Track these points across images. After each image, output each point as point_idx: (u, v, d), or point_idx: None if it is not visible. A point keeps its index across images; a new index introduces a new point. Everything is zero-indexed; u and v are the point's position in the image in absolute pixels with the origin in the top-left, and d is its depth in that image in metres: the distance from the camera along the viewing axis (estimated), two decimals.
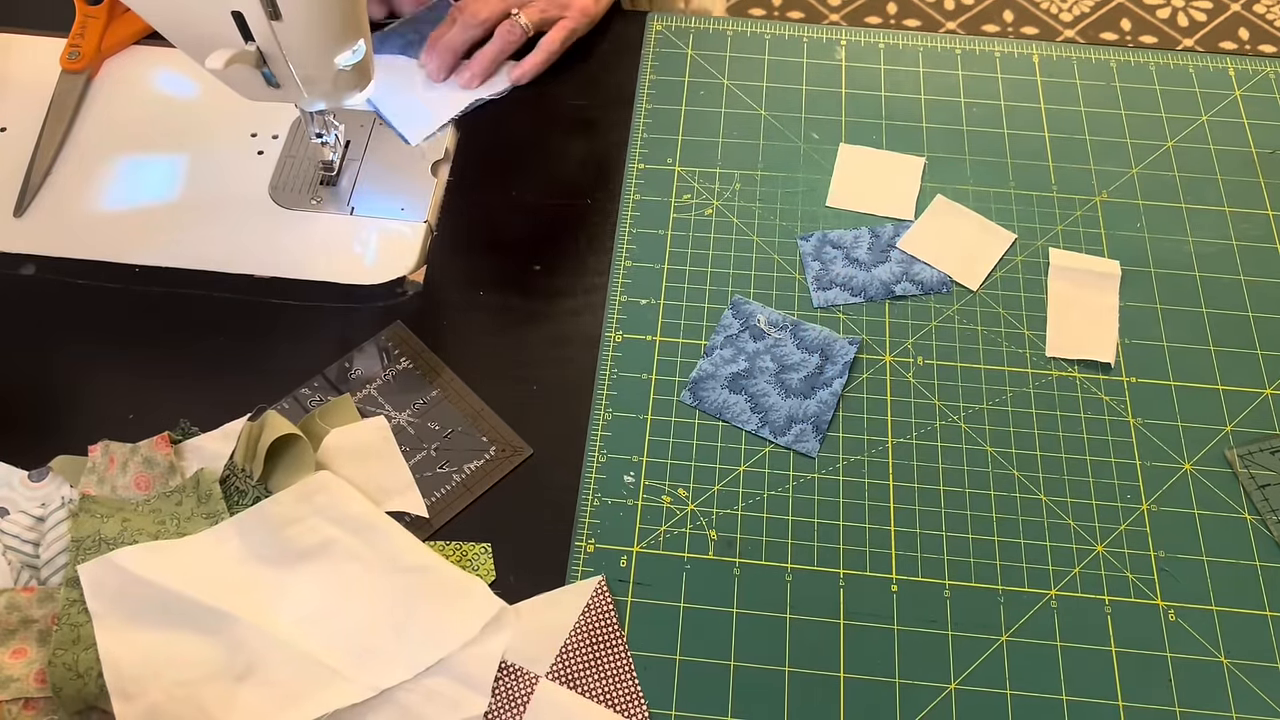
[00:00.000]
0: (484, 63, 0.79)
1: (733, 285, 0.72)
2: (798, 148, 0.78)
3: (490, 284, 0.72)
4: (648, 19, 0.85)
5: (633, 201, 0.76)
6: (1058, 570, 0.62)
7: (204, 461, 0.63)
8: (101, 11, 0.81)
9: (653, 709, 0.57)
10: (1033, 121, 0.80)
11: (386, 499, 0.63)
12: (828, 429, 0.66)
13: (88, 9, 0.81)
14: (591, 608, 0.60)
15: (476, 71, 0.79)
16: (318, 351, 0.69)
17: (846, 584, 0.61)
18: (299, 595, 0.59)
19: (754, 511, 0.63)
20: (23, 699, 0.55)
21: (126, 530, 0.59)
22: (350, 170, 0.77)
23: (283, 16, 0.59)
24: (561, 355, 0.69)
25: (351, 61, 0.63)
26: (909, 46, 0.84)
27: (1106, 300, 0.71)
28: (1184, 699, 0.58)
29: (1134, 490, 0.64)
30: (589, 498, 0.64)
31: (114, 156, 0.77)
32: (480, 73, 0.79)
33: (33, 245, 0.73)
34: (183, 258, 0.72)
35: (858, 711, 0.57)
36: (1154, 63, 0.83)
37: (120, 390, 0.67)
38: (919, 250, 0.73)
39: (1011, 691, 0.58)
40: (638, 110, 0.80)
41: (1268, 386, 0.68)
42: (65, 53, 0.79)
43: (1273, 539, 0.63)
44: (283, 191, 0.76)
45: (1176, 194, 0.76)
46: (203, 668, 0.56)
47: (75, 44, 0.79)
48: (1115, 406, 0.67)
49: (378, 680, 0.57)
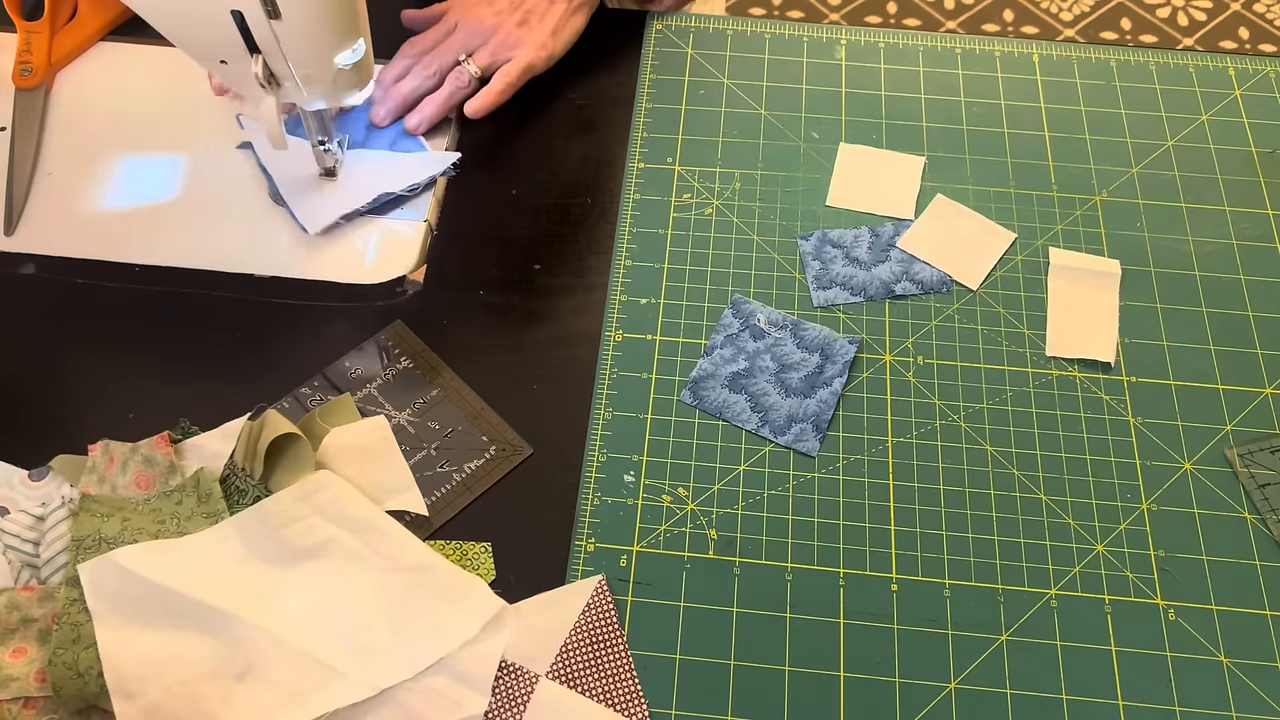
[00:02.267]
0: (431, 108, 0.77)
1: (733, 284, 0.72)
2: (798, 147, 0.78)
3: (490, 283, 0.72)
4: (648, 19, 0.85)
5: (633, 201, 0.76)
6: (1058, 570, 0.62)
7: (204, 461, 0.63)
8: (43, 25, 0.80)
9: (653, 708, 0.57)
10: (1033, 121, 0.80)
11: (386, 498, 0.63)
12: (828, 428, 0.66)
13: (28, 25, 0.80)
14: (592, 607, 0.60)
15: (427, 116, 0.76)
16: (318, 351, 0.69)
17: (846, 583, 0.61)
18: (299, 594, 0.59)
19: (754, 511, 0.63)
20: (23, 698, 0.55)
21: (127, 529, 0.59)
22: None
23: (282, 16, 0.59)
24: (562, 355, 0.69)
25: (351, 61, 0.63)
26: (909, 46, 0.84)
27: (1107, 300, 0.71)
28: (1184, 698, 0.58)
29: (1134, 490, 0.64)
30: (589, 497, 0.64)
31: (112, 156, 0.77)
32: (430, 117, 0.76)
33: (32, 245, 0.73)
34: (183, 257, 0.72)
35: (858, 711, 0.57)
36: (1154, 62, 0.83)
37: (120, 390, 0.67)
38: (919, 249, 0.73)
39: (1011, 691, 0.58)
40: (638, 110, 0.80)
41: (1268, 386, 0.68)
42: (16, 70, 0.79)
43: (1273, 538, 0.63)
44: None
45: (1176, 193, 0.76)
46: (203, 667, 0.56)
47: (24, 61, 0.79)
48: (1115, 406, 0.67)
49: (377, 679, 0.57)
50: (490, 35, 0.78)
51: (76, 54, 0.82)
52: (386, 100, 0.77)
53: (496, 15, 0.78)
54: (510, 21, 0.78)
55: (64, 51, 0.81)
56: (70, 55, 0.81)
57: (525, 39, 0.78)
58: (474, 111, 0.76)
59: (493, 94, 0.76)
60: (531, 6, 0.78)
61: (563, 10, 0.79)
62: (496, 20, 0.78)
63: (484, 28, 0.78)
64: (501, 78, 0.77)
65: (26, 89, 0.79)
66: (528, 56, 0.77)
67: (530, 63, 0.77)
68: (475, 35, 0.78)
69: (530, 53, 0.77)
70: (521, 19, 0.78)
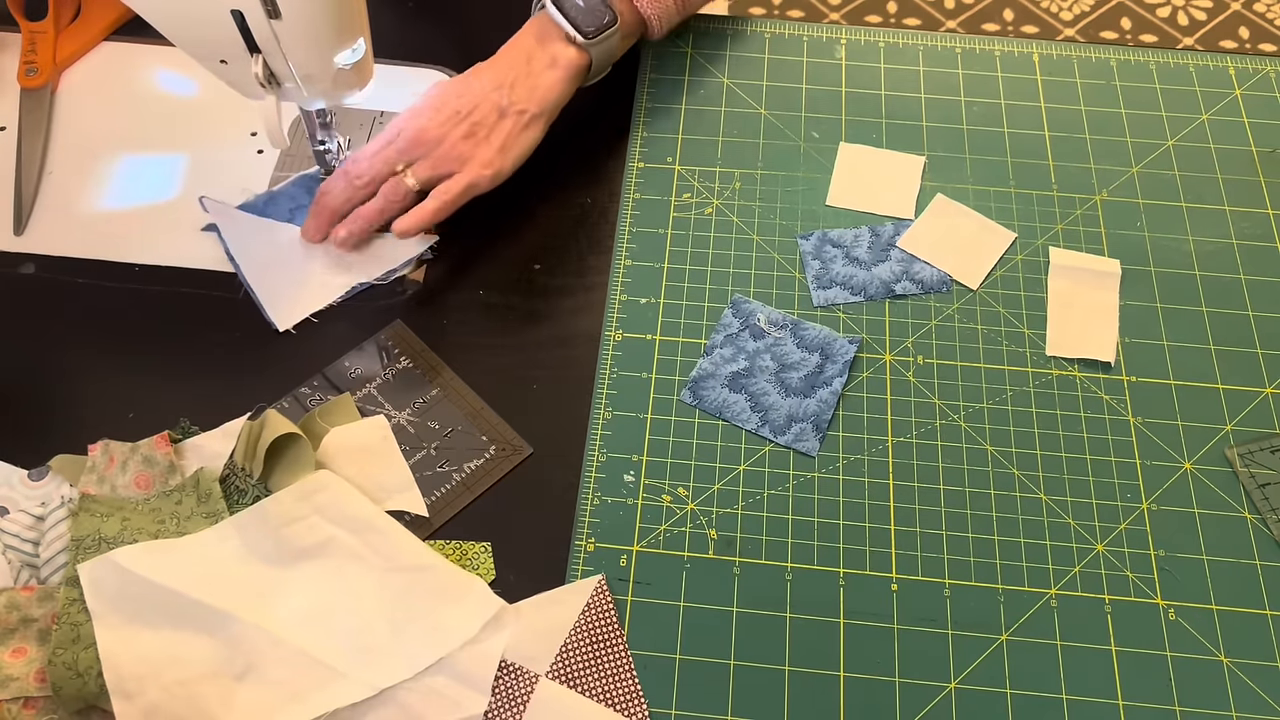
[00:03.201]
0: (360, 222, 0.70)
1: (733, 284, 0.72)
2: (798, 146, 0.78)
3: (490, 283, 0.72)
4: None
5: (633, 200, 0.76)
6: (1058, 569, 0.62)
7: (204, 460, 0.63)
8: (47, 25, 0.81)
9: (653, 708, 0.57)
10: (1033, 120, 0.80)
11: (386, 498, 0.63)
12: (828, 428, 0.66)
13: (32, 25, 0.81)
14: (591, 607, 0.60)
15: (353, 230, 0.70)
16: (317, 351, 0.69)
17: (846, 583, 0.61)
18: (299, 594, 0.59)
19: (754, 510, 0.63)
20: (22, 698, 0.55)
21: (126, 529, 0.59)
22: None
23: (282, 15, 0.59)
24: (561, 354, 0.69)
25: (351, 60, 0.63)
26: (909, 45, 0.84)
27: (1107, 299, 0.71)
28: (1184, 698, 0.58)
29: (1134, 489, 0.64)
30: (589, 497, 0.64)
31: (112, 156, 0.77)
32: (357, 232, 0.70)
33: (32, 245, 0.73)
34: (182, 257, 0.72)
35: (858, 710, 0.57)
36: (1154, 61, 0.83)
37: (120, 389, 0.67)
38: (919, 249, 0.73)
39: (1011, 690, 0.58)
40: (637, 109, 0.80)
41: (1268, 385, 0.68)
42: (21, 70, 0.79)
43: (1273, 538, 0.63)
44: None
45: (1176, 193, 0.76)
46: (202, 666, 0.56)
47: (29, 61, 0.79)
48: (1115, 405, 0.67)
49: (377, 679, 0.57)
50: (433, 148, 0.70)
51: (81, 54, 0.82)
52: (313, 214, 0.72)
53: (440, 126, 0.70)
54: (455, 134, 0.70)
55: (68, 51, 0.81)
56: (74, 55, 0.82)
57: (471, 154, 0.70)
58: (401, 231, 0.69)
59: (426, 213, 0.69)
60: (480, 119, 0.71)
61: (511, 126, 0.71)
62: (440, 131, 0.70)
63: (426, 139, 0.70)
64: (438, 195, 0.70)
65: (32, 89, 0.79)
66: (470, 175, 0.70)
67: (473, 181, 0.70)
68: (416, 146, 0.70)
69: (474, 170, 0.70)
70: (468, 131, 0.71)
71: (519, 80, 0.72)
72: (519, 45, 0.74)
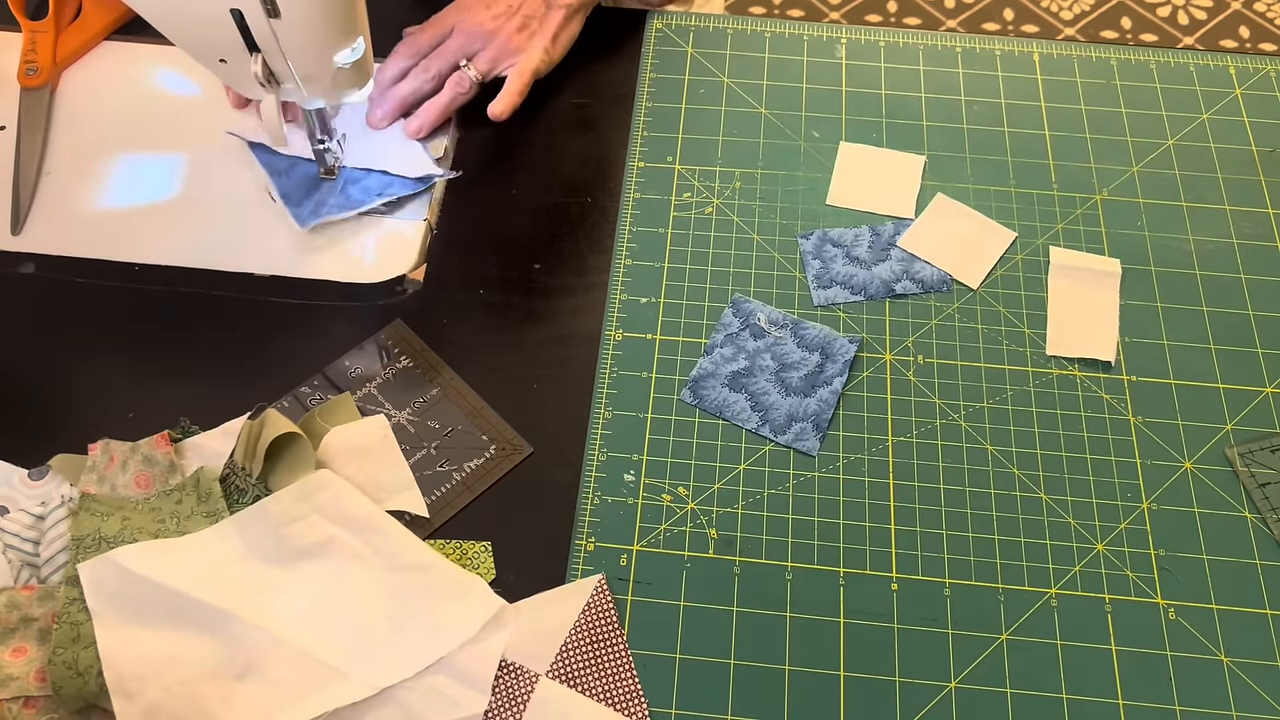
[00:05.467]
0: (433, 113, 0.76)
1: (733, 284, 0.72)
2: (798, 146, 0.78)
3: (490, 282, 0.72)
4: (648, 17, 0.85)
5: (633, 200, 0.76)
6: (1058, 569, 0.62)
7: (204, 460, 0.63)
8: (48, 25, 0.81)
9: (653, 708, 0.57)
10: (1033, 120, 0.80)
11: (386, 497, 0.63)
12: (828, 427, 0.66)
13: (33, 25, 0.80)
14: (591, 606, 0.60)
15: (426, 121, 0.76)
16: (318, 350, 0.69)
17: (846, 582, 0.61)
18: (299, 594, 0.59)
19: (754, 510, 0.63)
20: (23, 697, 0.55)
21: (126, 529, 0.59)
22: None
23: (281, 14, 0.59)
24: (562, 354, 0.69)
25: (350, 59, 0.63)
26: (909, 44, 0.84)
27: (1107, 298, 0.71)
28: (1184, 698, 0.58)
29: (1134, 489, 0.64)
30: (589, 496, 0.64)
31: (112, 156, 0.77)
32: (430, 122, 0.76)
33: (32, 245, 0.73)
34: (182, 256, 0.72)
35: (858, 710, 0.57)
36: (1154, 61, 0.83)
37: (120, 389, 0.67)
38: (919, 248, 0.73)
39: (1011, 690, 0.58)
40: (638, 109, 0.80)
41: (1268, 385, 0.68)
42: (21, 69, 0.79)
43: (1273, 537, 0.63)
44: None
45: (1177, 192, 0.76)
46: (202, 666, 0.56)
47: (29, 60, 0.79)
48: (1115, 405, 0.67)
49: (377, 679, 0.57)
50: (489, 40, 0.77)
51: (81, 53, 0.82)
52: (384, 102, 0.77)
53: (495, 20, 0.77)
54: (510, 26, 0.77)
55: (68, 51, 0.81)
56: (75, 55, 0.81)
57: (526, 45, 0.78)
58: (499, 113, 0.76)
59: (514, 94, 0.77)
60: (531, 12, 0.78)
61: (560, 17, 0.79)
62: (495, 25, 0.77)
63: (483, 32, 0.77)
64: (517, 79, 0.77)
65: (32, 88, 0.79)
66: (533, 61, 0.77)
67: (536, 67, 0.77)
68: (474, 40, 0.77)
69: (536, 57, 0.77)
70: (521, 24, 0.78)
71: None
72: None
